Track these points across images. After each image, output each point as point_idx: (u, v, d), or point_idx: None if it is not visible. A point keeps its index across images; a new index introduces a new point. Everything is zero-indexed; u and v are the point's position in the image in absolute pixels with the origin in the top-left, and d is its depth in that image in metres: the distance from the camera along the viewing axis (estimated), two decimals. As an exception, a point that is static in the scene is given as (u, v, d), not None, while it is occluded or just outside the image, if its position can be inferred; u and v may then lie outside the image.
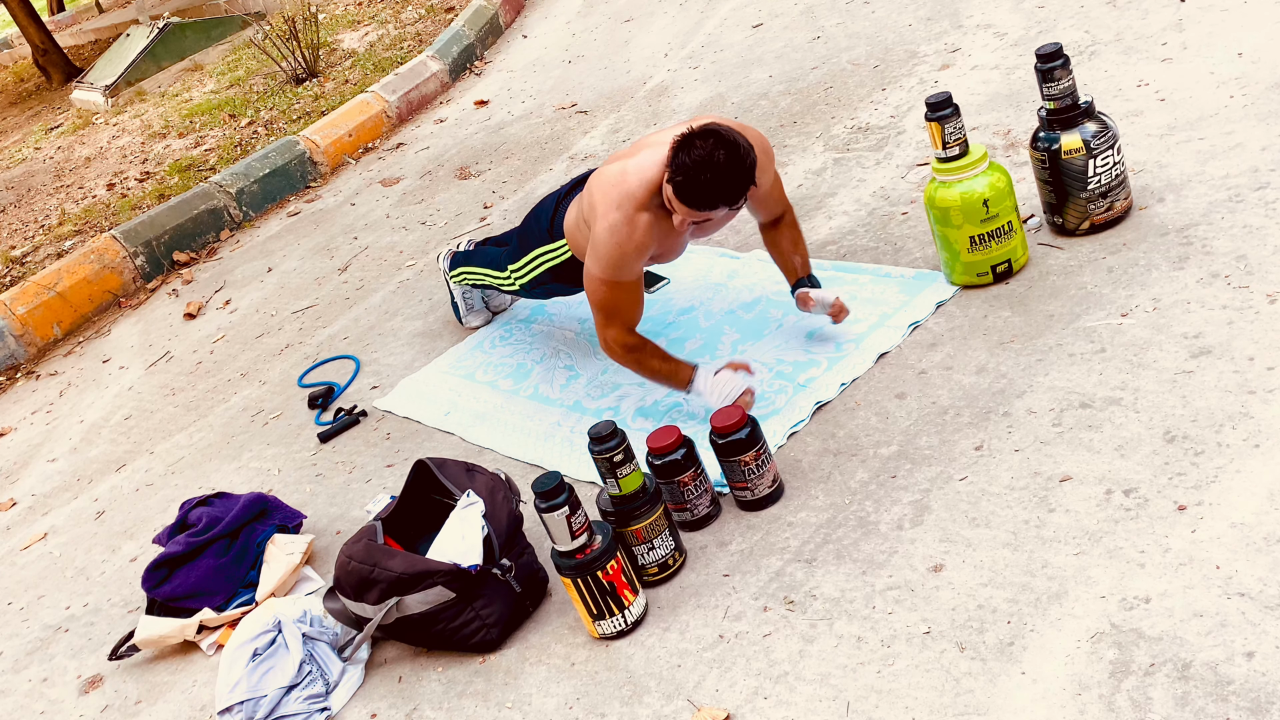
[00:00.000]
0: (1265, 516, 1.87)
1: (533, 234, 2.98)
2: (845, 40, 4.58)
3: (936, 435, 2.35)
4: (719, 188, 2.39)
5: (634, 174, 2.51)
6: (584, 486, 2.61)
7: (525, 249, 3.00)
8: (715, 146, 2.36)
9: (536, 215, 3.00)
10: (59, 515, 3.48)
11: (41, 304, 4.77)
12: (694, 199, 2.41)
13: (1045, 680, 1.76)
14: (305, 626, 2.37)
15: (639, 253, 2.54)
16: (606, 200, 2.52)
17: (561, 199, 2.90)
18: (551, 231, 2.88)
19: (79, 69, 9.94)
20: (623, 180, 2.52)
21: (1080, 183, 2.70)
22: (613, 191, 2.52)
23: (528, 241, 3.00)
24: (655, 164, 2.51)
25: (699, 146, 2.37)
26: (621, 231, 2.50)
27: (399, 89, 6.00)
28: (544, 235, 2.91)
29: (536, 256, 2.96)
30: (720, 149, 2.36)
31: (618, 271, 2.54)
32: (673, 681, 2.03)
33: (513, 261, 3.06)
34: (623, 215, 2.49)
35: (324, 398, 3.48)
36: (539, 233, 2.94)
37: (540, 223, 2.94)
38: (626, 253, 2.52)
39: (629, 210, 2.49)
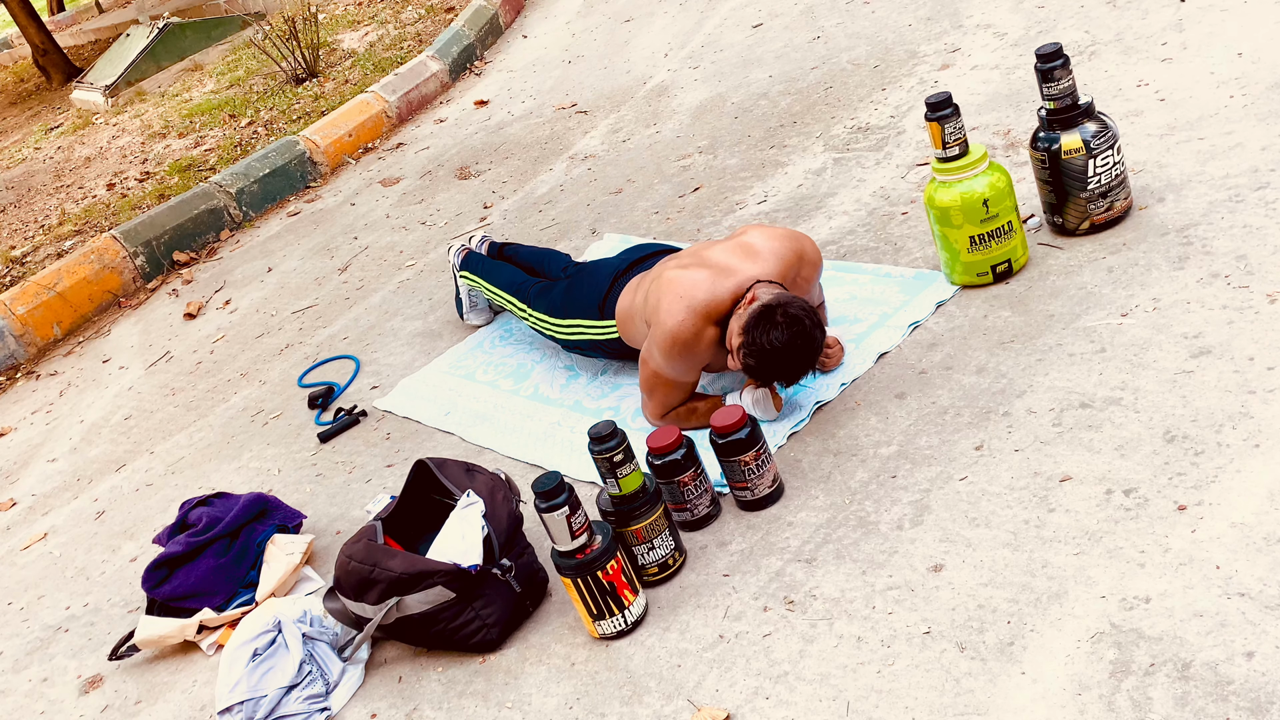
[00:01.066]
0: (1265, 516, 1.87)
1: (581, 302, 2.95)
2: (845, 40, 4.58)
3: (936, 435, 2.35)
4: (788, 373, 2.45)
5: (704, 291, 2.54)
6: (584, 486, 2.61)
7: (570, 312, 2.97)
8: (795, 336, 2.39)
9: (587, 283, 2.97)
10: (59, 515, 3.48)
11: (41, 304, 4.77)
12: (762, 377, 2.47)
13: (1045, 680, 1.76)
14: (305, 626, 2.37)
15: (698, 359, 2.58)
16: (678, 300, 2.54)
17: (619, 275, 2.89)
18: (602, 310, 2.88)
19: (79, 69, 9.95)
20: (696, 288, 2.54)
21: (1080, 183, 2.70)
22: (686, 297, 2.54)
23: (574, 306, 2.97)
24: (728, 288, 2.53)
25: (780, 328, 2.39)
26: (688, 332, 2.53)
27: (399, 89, 6.00)
28: (593, 310, 2.90)
29: (581, 326, 2.95)
30: (799, 339, 2.39)
31: (676, 373, 2.60)
32: (673, 681, 2.03)
33: (550, 313, 3.04)
34: (691, 318, 2.52)
35: (324, 398, 3.48)
36: (588, 305, 2.92)
37: (590, 295, 2.92)
38: (688, 356, 2.56)
39: (696, 323, 2.53)
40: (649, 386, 2.67)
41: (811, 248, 2.69)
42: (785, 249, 2.62)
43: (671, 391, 2.66)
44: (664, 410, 2.69)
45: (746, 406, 2.58)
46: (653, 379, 2.65)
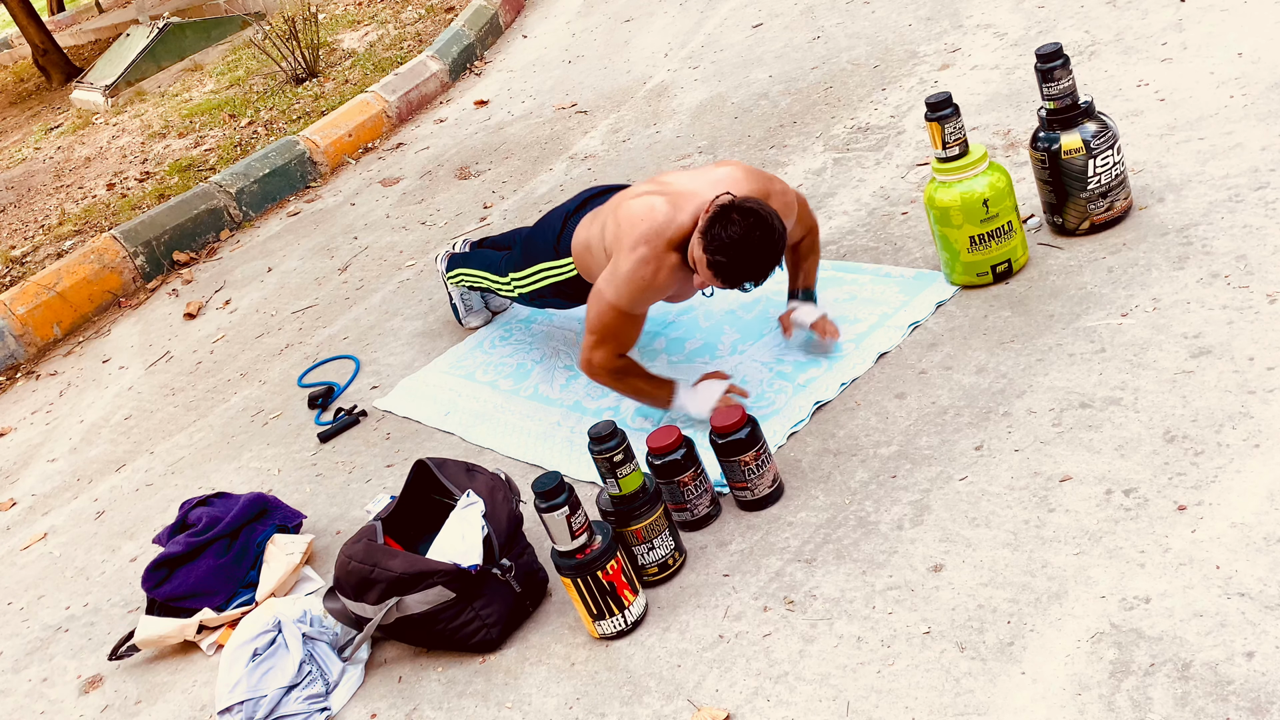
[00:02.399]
0: (1265, 516, 1.87)
1: (538, 247, 2.96)
2: (845, 40, 4.58)
3: (936, 435, 2.35)
4: (752, 268, 2.40)
5: (664, 214, 2.49)
6: (584, 486, 2.61)
7: (529, 260, 2.99)
8: (753, 227, 2.36)
9: (543, 228, 2.98)
10: (59, 515, 3.48)
11: (41, 304, 4.77)
12: (727, 276, 2.42)
13: (1045, 680, 1.76)
14: (305, 626, 2.37)
15: (658, 291, 2.54)
16: (635, 232, 2.50)
17: (570, 215, 2.88)
18: (558, 249, 2.86)
19: (79, 69, 9.95)
20: (652, 216, 2.50)
21: (1080, 183, 2.70)
22: (641, 225, 2.50)
23: (532, 253, 2.98)
24: (689, 212, 2.50)
25: (737, 223, 2.37)
26: (648, 267, 2.48)
27: (399, 89, 6.00)
28: (550, 251, 2.90)
29: (539, 271, 2.95)
30: (758, 229, 2.37)
31: (632, 303, 2.54)
32: (673, 681, 2.03)
33: (514, 269, 3.05)
34: (651, 251, 2.48)
35: (324, 398, 3.48)
36: (544, 247, 2.93)
37: (546, 237, 2.92)
38: (647, 289, 2.52)
39: (659, 248, 2.48)
40: (601, 324, 2.57)
41: (782, 187, 2.63)
42: (752, 183, 2.56)
43: (625, 327, 2.57)
44: (615, 353, 2.59)
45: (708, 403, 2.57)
46: (607, 313, 2.55)
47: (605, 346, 2.59)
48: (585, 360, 2.63)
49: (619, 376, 2.62)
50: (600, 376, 2.64)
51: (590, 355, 2.61)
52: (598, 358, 2.60)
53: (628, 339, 2.60)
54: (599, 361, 2.60)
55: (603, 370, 2.62)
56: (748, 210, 2.39)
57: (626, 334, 2.59)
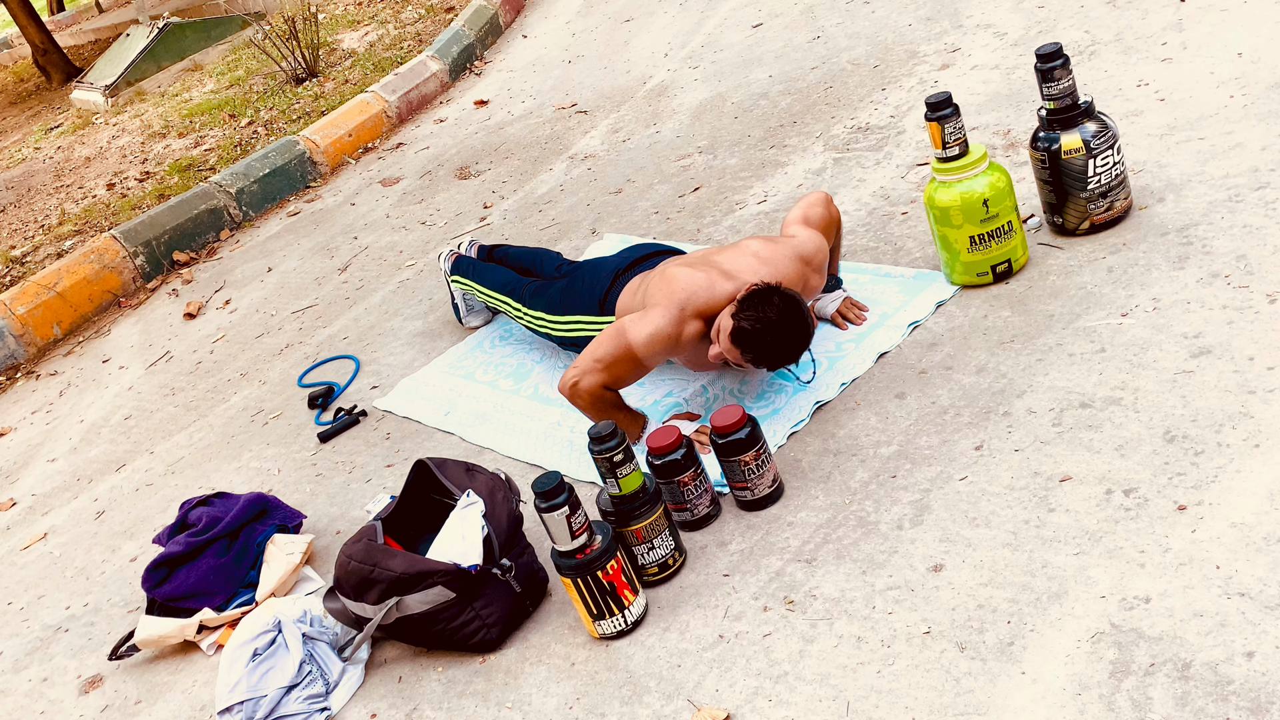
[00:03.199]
0: (1265, 516, 1.87)
1: (580, 298, 2.94)
2: (845, 40, 4.58)
3: (936, 435, 2.35)
4: (776, 354, 2.48)
5: (704, 286, 2.59)
6: (584, 486, 2.61)
7: (568, 308, 2.97)
8: (789, 315, 2.45)
9: (587, 280, 2.96)
10: (59, 515, 3.48)
11: (41, 304, 4.77)
12: (749, 347, 2.47)
13: (1045, 680, 1.76)
14: (305, 626, 2.37)
15: (674, 350, 2.60)
16: (676, 296, 2.58)
17: (620, 273, 2.89)
18: (603, 306, 2.87)
19: (79, 69, 9.95)
20: (694, 285, 2.59)
21: (1080, 183, 2.70)
22: (682, 292, 2.59)
23: (572, 303, 2.96)
24: (727, 290, 2.57)
25: (776, 306, 2.45)
26: (676, 326, 2.55)
27: (399, 89, 6.00)
28: (594, 306, 2.89)
29: (578, 322, 2.94)
30: (792, 319, 2.45)
31: (647, 352, 2.57)
32: (673, 681, 2.03)
33: (547, 310, 3.03)
34: (679, 315, 2.56)
35: (324, 398, 3.48)
36: (588, 301, 2.91)
37: (592, 291, 2.91)
38: (666, 343, 2.56)
39: (686, 312, 2.57)
40: (610, 358, 2.57)
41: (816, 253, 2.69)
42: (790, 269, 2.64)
43: (629, 369, 2.58)
44: (604, 384, 2.58)
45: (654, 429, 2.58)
46: (620, 350, 2.56)
47: (601, 376, 2.57)
48: (574, 381, 2.58)
49: (598, 404, 2.60)
50: (580, 399, 2.59)
51: (581, 378, 2.57)
52: (589, 382, 2.57)
53: (626, 380, 2.62)
54: (586, 387, 2.57)
55: (587, 394, 2.58)
56: (788, 297, 2.47)
57: (628, 375, 2.61)
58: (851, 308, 2.85)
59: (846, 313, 2.84)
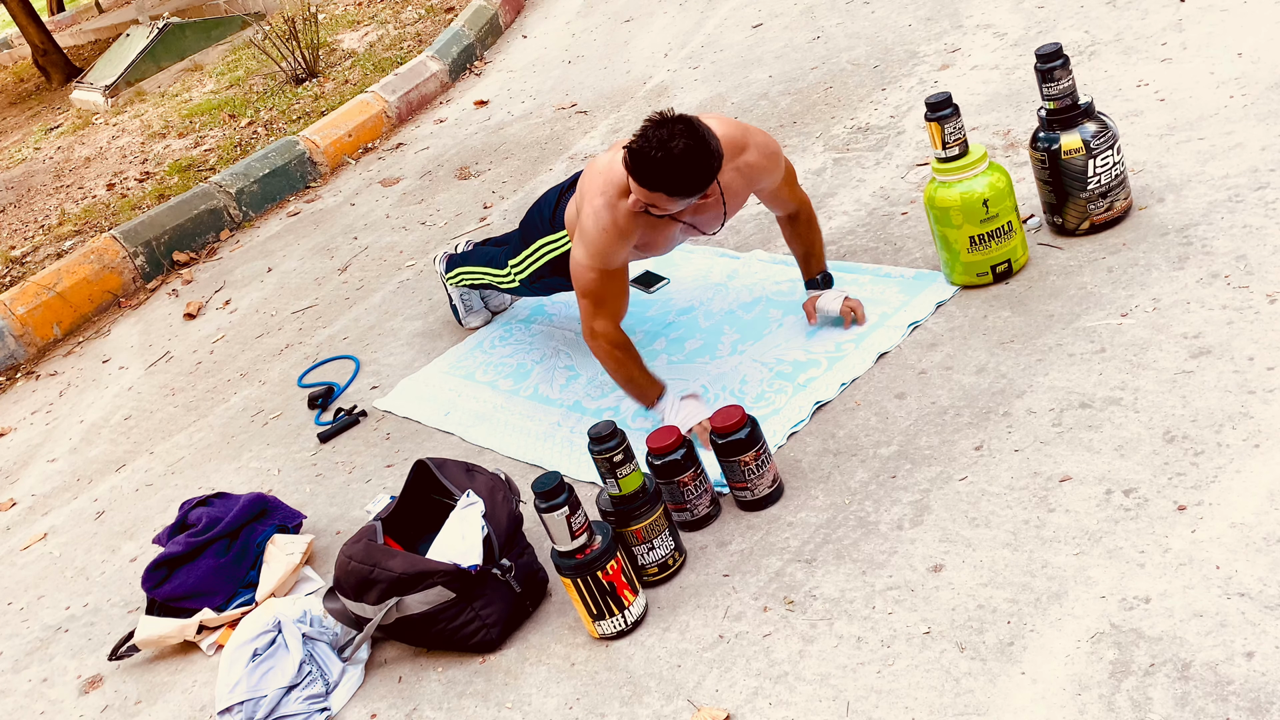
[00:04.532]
0: (1265, 516, 1.87)
1: (535, 227, 2.99)
2: (845, 40, 4.58)
3: (936, 435, 2.35)
4: (666, 173, 2.31)
5: (619, 162, 2.48)
6: (584, 486, 2.61)
7: (527, 241, 3.02)
8: (679, 135, 2.29)
9: (538, 208, 3.01)
10: (59, 515, 3.48)
11: (41, 304, 4.77)
12: (642, 176, 2.34)
13: (1045, 680, 1.76)
14: (305, 626, 2.37)
15: (622, 237, 2.51)
16: (592, 187, 2.52)
17: (564, 192, 2.92)
18: (554, 222, 2.90)
19: (79, 69, 9.95)
20: (610, 168, 2.51)
21: (1080, 183, 2.70)
22: (598, 179, 2.51)
23: (530, 234, 3.01)
24: None
25: (663, 128, 2.31)
26: (604, 216, 2.48)
27: (399, 89, 6.00)
28: (546, 226, 2.93)
29: (539, 248, 2.97)
30: (683, 138, 2.28)
31: (602, 258, 2.51)
32: (673, 681, 2.03)
33: (513, 256, 3.08)
34: (605, 200, 2.49)
35: (324, 398, 3.48)
36: (541, 225, 2.96)
37: (543, 214, 2.96)
38: (610, 237, 2.49)
39: (611, 195, 2.48)
40: (584, 288, 2.54)
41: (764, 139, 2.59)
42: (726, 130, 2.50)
43: (606, 284, 2.53)
44: (608, 319, 2.55)
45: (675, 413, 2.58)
46: (584, 274, 2.53)
47: (600, 312, 2.55)
48: (586, 330, 2.60)
49: (619, 353, 2.57)
50: (602, 349, 2.58)
51: (589, 325, 2.58)
52: (598, 326, 2.57)
53: (616, 298, 2.56)
54: (600, 330, 2.56)
55: (605, 340, 2.56)
56: (680, 119, 2.31)
57: (611, 293, 2.55)
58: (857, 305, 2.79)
59: (856, 308, 2.77)
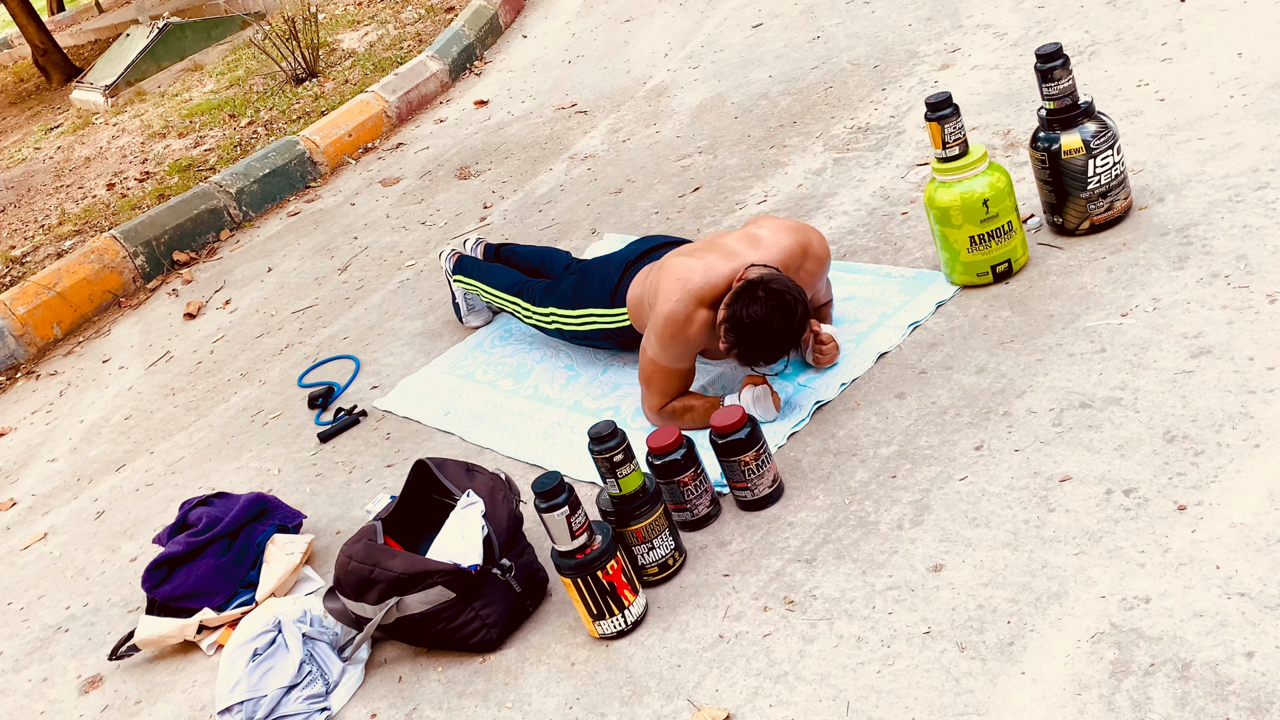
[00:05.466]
0: (1265, 516, 1.87)
1: (592, 291, 2.96)
2: (845, 40, 4.58)
3: (936, 435, 2.35)
4: (767, 349, 2.48)
5: (700, 275, 2.58)
6: (584, 486, 2.61)
7: (580, 302, 2.98)
8: (774, 311, 2.44)
9: (597, 273, 2.98)
10: (59, 515, 3.48)
11: (41, 304, 4.77)
12: (740, 350, 2.50)
13: (1045, 680, 1.76)
14: (305, 626, 2.37)
15: (690, 344, 2.60)
16: (672, 289, 2.59)
17: (630, 264, 2.91)
18: (614, 297, 2.90)
19: (79, 69, 9.95)
20: (689, 275, 2.59)
21: (1080, 183, 2.70)
22: (677, 285, 2.59)
23: (584, 297, 2.98)
24: (725, 272, 2.58)
25: (760, 302, 2.44)
26: (679, 319, 2.57)
27: (399, 89, 6.00)
28: (605, 298, 2.92)
29: (591, 315, 2.96)
30: (778, 315, 2.44)
31: (667, 357, 2.61)
32: (673, 681, 2.03)
33: (558, 305, 3.04)
34: (682, 308, 2.56)
35: (324, 398, 3.48)
36: (600, 293, 2.93)
37: (603, 284, 2.94)
38: (677, 341, 2.59)
39: (689, 304, 2.57)
40: (646, 376, 2.68)
41: (819, 242, 2.71)
42: (790, 241, 2.66)
43: (668, 380, 2.66)
44: (662, 402, 2.69)
45: (746, 406, 2.58)
46: (649, 367, 2.66)
47: (655, 397, 2.70)
48: (646, 411, 2.74)
49: (674, 416, 2.69)
50: (655, 421, 2.73)
51: (646, 405, 2.72)
52: (652, 404, 2.71)
53: (676, 388, 2.68)
54: (654, 409, 2.71)
55: (660, 415, 2.71)
56: (773, 292, 2.46)
57: (671, 385, 2.68)
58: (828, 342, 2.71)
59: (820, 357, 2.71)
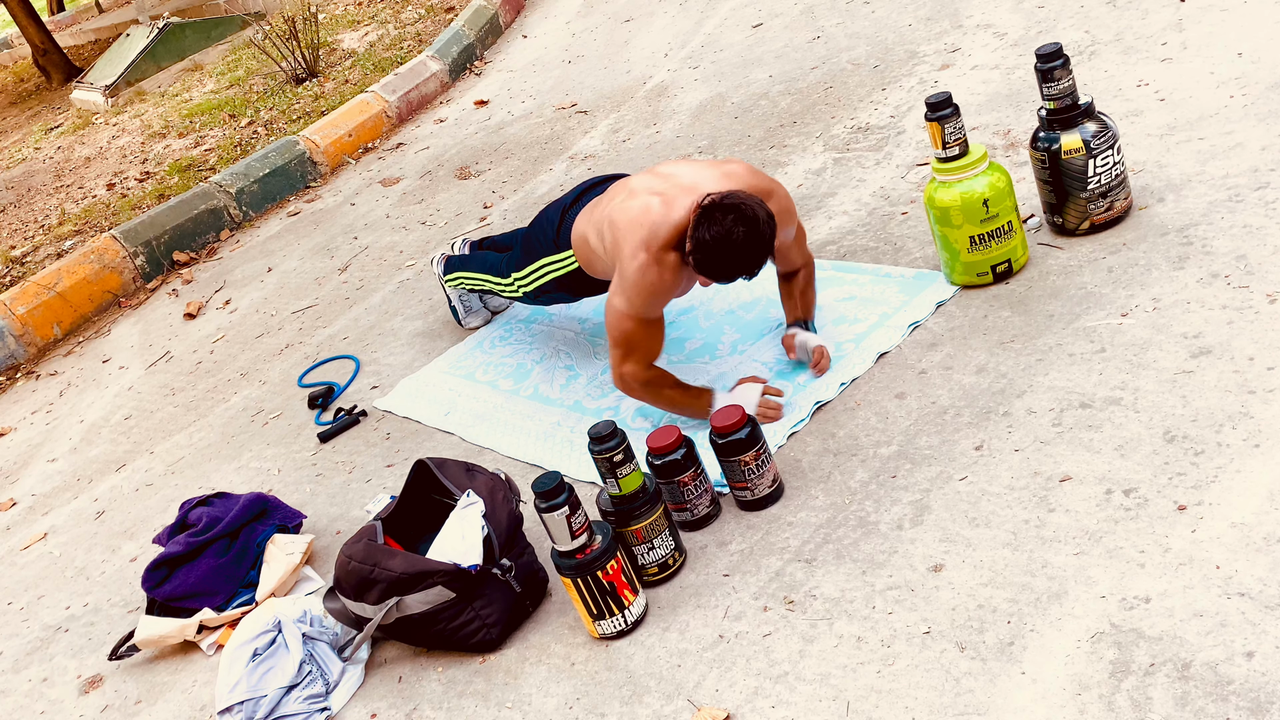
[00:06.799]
0: (1265, 516, 1.87)
1: (538, 243, 2.96)
2: (845, 40, 4.58)
3: (936, 435, 2.35)
4: (736, 263, 2.42)
5: (660, 213, 2.50)
6: (584, 486, 2.61)
7: (530, 258, 2.99)
8: (735, 223, 2.38)
9: (541, 224, 2.99)
10: (59, 515, 3.48)
11: (41, 304, 4.77)
12: (712, 273, 2.45)
13: (1045, 680, 1.76)
14: (305, 626, 2.37)
15: (667, 292, 2.55)
16: (634, 238, 2.51)
17: (567, 209, 2.89)
18: (558, 242, 2.87)
19: (79, 69, 9.95)
20: (648, 219, 2.51)
21: (1080, 183, 2.70)
22: (639, 230, 2.51)
23: (532, 250, 2.98)
24: (683, 208, 2.50)
25: (719, 221, 2.39)
26: (651, 272, 2.50)
27: (399, 89, 6.00)
28: (549, 245, 2.90)
29: (542, 266, 2.95)
30: (740, 225, 2.38)
31: (644, 309, 2.54)
32: (673, 681, 2.03)
33: (516, 269, 3.05)
34: (650, 256, 2.49)
35: (324, 398, 3.48)
36: (544, 242, 2.93)
37: (546, 232, 2.93)
38: (656, 292, 2.52)
39: (656, 250, 2.49)
40: (621, 336, 2.56)
41: (782, 193, 2.63)
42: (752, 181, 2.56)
43: (647, 336, 2.57)
44: (645, 364, 2.58)
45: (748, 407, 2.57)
46: (624, 324, 2.55)
47: (632, 358, 2.57)
48: (617, 376, 2.61)
49: (653, 389, 2.60)
50: (634, 390, 2.61)
51: (620, 370, 2.59)
52: (628, 370, 2.58)
53: (651, 346, 2.59)
54: (630, 374, 2.58)
55: (635, 382, 2.59)
56: (730, 206, 2.39)
57: (648, 341, 2.58)
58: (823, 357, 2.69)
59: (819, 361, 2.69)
